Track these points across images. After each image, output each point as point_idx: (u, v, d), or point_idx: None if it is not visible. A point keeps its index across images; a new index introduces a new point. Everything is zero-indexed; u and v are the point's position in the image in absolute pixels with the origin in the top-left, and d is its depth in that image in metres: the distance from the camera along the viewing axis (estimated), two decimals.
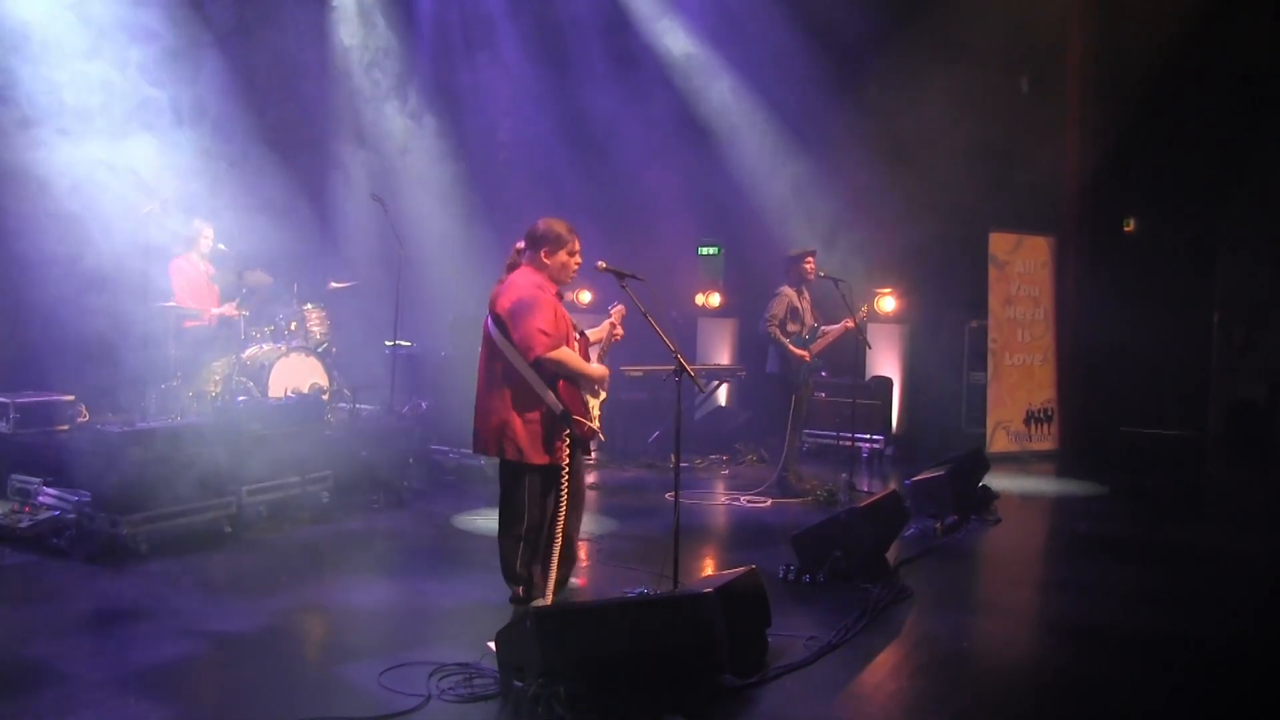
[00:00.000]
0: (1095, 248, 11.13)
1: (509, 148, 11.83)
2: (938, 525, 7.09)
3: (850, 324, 8.21)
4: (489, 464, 8.03)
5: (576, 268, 4.96)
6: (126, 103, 8.61)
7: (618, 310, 5.09)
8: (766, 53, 10.98)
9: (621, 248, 9.35)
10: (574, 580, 5.32)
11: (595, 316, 5.55)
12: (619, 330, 5.10)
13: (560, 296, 4.96)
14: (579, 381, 4.82)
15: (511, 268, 4.95)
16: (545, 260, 4.88)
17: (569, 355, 4.79)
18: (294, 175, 9.48)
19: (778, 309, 8.20)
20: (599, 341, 5.16)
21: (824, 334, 8.33)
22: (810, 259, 8.31)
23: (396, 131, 10.99)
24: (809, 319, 8.31)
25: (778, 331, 8.16)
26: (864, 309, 8.49)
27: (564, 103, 11.63)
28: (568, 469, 4.76)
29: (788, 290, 8.28)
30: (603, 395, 4.94)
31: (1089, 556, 6.79)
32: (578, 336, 4.99)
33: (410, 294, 9.19)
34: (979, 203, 10.51)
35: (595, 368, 4.92)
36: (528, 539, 4.86)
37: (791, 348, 8.15)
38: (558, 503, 4.79)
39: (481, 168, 11.43)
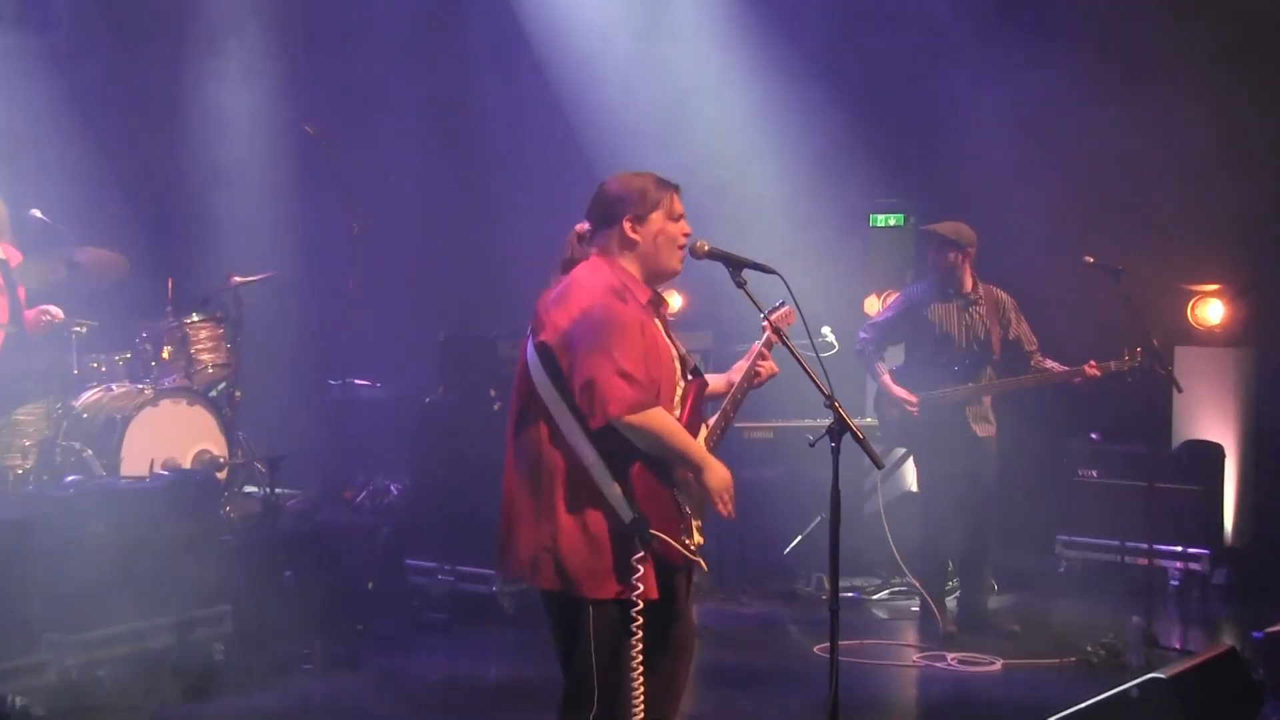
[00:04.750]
0: None
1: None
2: None
3: (1096, 372, 8.23)
4: (506, 591, 8.49)
5: (685, 241, 4.91)
6: None
7: (773, 324, 4.91)
8: None
9: None
10: None
11: (685, 335, 5.58)
12: (769, 363, 4.98)
13: (657, 305, 4.85)
14: (674, 463, 4.66)
15: (569, 265, 4.93)
16: (631, 235, 4.78)
17: (665, 423, 4.59)
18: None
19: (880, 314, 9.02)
20: (725, 391, 5.05)
21: (1038, 373, 8.43)
22: (952, 251, 8.40)
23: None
24: (961, 338, 8.47)
25: (867, 346, 8.54)
26: (1133, 355, 8.19)
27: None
28: (642, 606, 4.58)
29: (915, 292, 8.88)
30: (719, 505, 4.72)
31: None
32: (682, 380, 4.86)
33: (373, 298, 9.20)
34: None
35: (710, 464, 4.69)
36: None
37: (886, 380, 8.43)
38: (637, 665, 4.64)
39: (508, 99, 11.72)
